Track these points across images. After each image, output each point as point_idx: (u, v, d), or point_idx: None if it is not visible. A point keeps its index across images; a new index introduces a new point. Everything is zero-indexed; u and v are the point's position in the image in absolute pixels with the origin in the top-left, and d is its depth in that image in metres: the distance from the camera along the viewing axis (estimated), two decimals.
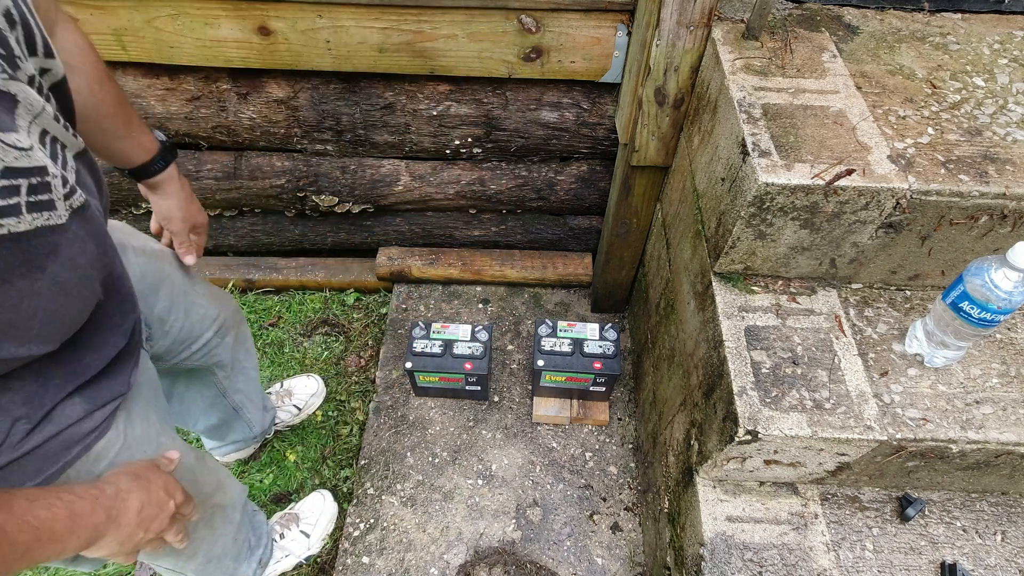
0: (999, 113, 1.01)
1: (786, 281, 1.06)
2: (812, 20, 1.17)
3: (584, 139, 1.49)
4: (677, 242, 1.29)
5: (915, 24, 1.18)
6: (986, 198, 0.90)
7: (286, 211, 1.70)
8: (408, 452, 1.59)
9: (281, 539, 1.41)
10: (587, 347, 1.50)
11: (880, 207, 0.91)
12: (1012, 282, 0.80)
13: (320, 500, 1.51)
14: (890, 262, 1.03)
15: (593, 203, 1.67)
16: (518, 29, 1.23)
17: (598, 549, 1.45)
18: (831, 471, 0.99)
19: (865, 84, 1.05)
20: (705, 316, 1.07)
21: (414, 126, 1.48)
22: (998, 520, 1.03)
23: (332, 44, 1.27)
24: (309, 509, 1.49)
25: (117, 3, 1.21)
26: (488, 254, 1.86)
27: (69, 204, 0.59)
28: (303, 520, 1.46)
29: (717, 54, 1.07)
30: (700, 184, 1.14)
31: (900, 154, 0.93)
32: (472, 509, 1.50)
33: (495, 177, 1.61)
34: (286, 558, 1.41)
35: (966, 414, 0.92)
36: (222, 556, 1.15)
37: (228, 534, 1.15)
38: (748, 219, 0.94)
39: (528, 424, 1.65)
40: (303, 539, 1.43)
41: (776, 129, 0.95)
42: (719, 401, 0.97)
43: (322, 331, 1.88)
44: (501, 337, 1.82)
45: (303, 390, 1.68)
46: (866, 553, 0.98)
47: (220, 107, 1.43)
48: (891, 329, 1.02)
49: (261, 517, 1.35)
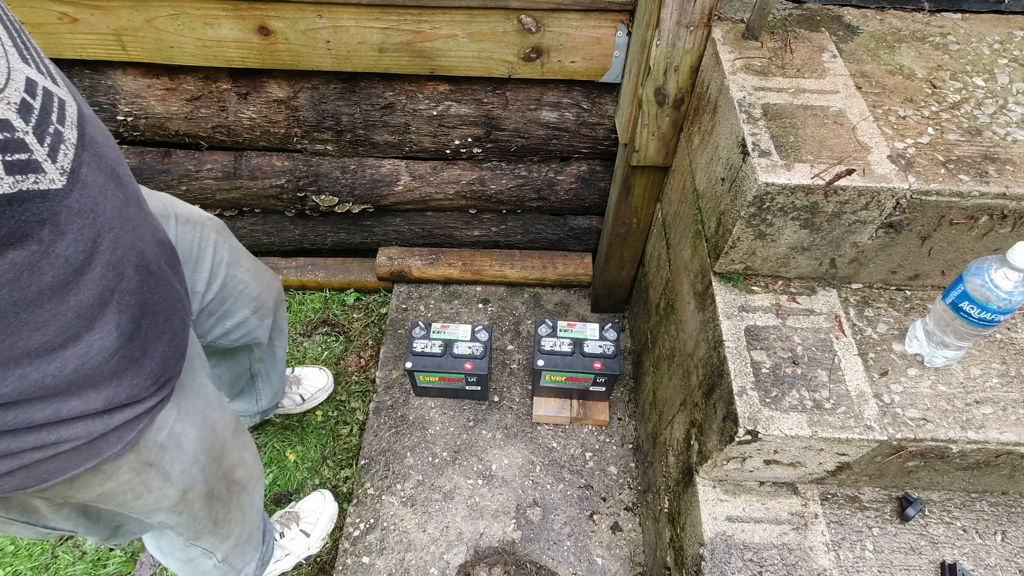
0: (999, 113, 1.01)
1: (786, 281, 1.06)
2: (812, 20, 1.17)
3: (584, 139, 1.49)
4: (677, 242, 1.29)
5: (915, 24, 1.18)
6: (986, 198, 0.90)
7: (286, 211, 1.70)
8: (408, 452, 1.59)
9: (281, 538, 1.41)
10: (587, 347, 1.50)
11: (880, 207, 0.91)
12: (1012, 282, 0.80)
13: (320, 500, 1.51)
14: (890, 262, 1.03)
15: (593, 203, 1.67)
16: (518, 29, 1.23)
17: (598, 549, 1.45)
18: (831, 471, 0.99)
19: (865, 84, 1.05)
20: (705, 316, 1.07)
21: (414, 126, 1.48)
22: (998, 520, 1.03)
23: (332, 44, 1.27)
24: (309, 508, 1.49)
25: (117, 3, 1.21)
26: (488, 254, 1.86)
27: (61, 167, 0.53)
28: (303, 519, 1.46)
29: (717, 54, 1.07)
30: (700, 184, 1.14)
31: (900, 154, 0.93)
32: (472, 509, 1.50)
33: (495, 177, 1.61)
34: (286, 557, 1.41)
35: (966, 414, 0.92)
36: (246, 542, 1.15)
37: (253, 520, 1.15)
38: (748, 219, 0.94)
39: (528, 424, 1.65)
40: (303, 538, 1.43)
41: (776, 129, 0.95)
42: (719, 401, 0.97)
43: (322, 331, 1.88)
44: (501, 337, 1.82)
45: (312, 382, 1.67)
46: (866, 553, 0.98)
47: (220, 107, 1.43)
48: (891, 329, 1.02)
49: (264, 514, 1.35)
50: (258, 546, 1.22)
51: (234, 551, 1.12)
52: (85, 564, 1.47)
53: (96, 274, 0.59)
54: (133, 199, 0.67)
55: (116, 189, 0.62)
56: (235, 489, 1.03)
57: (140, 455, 0.77)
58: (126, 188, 0.65)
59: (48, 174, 0.51)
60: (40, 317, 0.55)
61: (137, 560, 1.47)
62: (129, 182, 0.67)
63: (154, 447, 0.78)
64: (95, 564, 1.47)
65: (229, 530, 1.06)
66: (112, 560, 1.47)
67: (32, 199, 0.50)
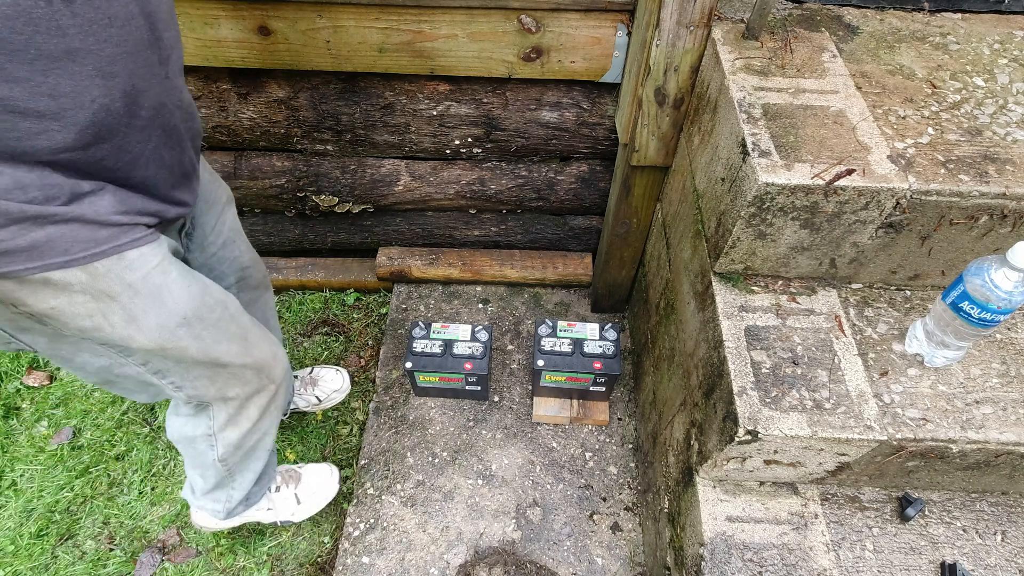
0: (999, 113, 1.01)
1: (786, 281, 1.06)
2: (812, 20, 1.17)
3: (584, 139, 1.49)
4: (677, 242, 1.29)
5: (915, 24, 1.18)
6: (986, 198, 0.90)
7: (286, 211, 1.70)
8: (408, 452, 1.59)
9: (275, 492, 1.40)
10: (587, 347, 1.50)
11: (880, 207, 0.91)
12: (1012, 282, 0.80)
13: (327, 473, 1.50)
14: (890, 262, 1.03)
15: (593, 203, 1.67)
16: (518, 29, 1.23)
17: (598, 549, 1.45)
18: (831, 471, 0.99)
19: (865, 84, 1.05)
20: (705, 316, 1.07)
21: (414, 126, 1.48)
22: (998, 520, 1.03)
23: (332, 44, 1.27)
24: (314, 478, 1.47)
25: None
26: (488, 254, 1.86)
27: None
28: (303, 485, 1.45)
29: (717, 54, 1.07)
30: (700, 184, 1.14)
31: (900, 154, 0.93)
32: (472, 509, 1.50)
33: (495, 177, 1.61)
34: (268, 511, 1.40)
35: (966, 414, 0.92)
36: (251, 452, 1.18)
37: (267, 431, 1.18)
38: (748, 219, 0.94)
39: (528, 424, 1.65)
40: (292, 503, 1.42)
41: (776, 129, 0.95)
42: (719, 401, 0.97)
43: (322, 331, 1.88)
44: (501, 337, 1.82)
45: (328, 383, 1.67)
46: (866, 553, 0.98)
47: (220, 107, 1.43)
48: (891, 329, 1.02)
49: (275, 457, 1.36)
50: (258, 471, 1.24)
51: (235, 454, 1.14)
52: (85, 564, 1.47)
53: (101, 67, 0.65)
54: (162, 55, 0.75)
55: (145, 29, 0.70)
56: (251, 377, 1.05)
57: (96, 281, 0.77)
58: (158, 40, 0.73)
59: None
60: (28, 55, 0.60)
61: (137, 560, 1.47)
62: (164, 40, 0.75)
63: (118, 281, 0.79)
64: (95, 564, 1.47)
65: (238, 417, 1.08)
66: (112, 560, 1.48)
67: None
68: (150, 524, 1.53)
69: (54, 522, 1.53)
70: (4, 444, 1.66)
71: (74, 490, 1.58)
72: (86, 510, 1.55)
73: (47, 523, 1.53)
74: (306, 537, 1.51)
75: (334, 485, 1.50)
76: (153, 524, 1.53)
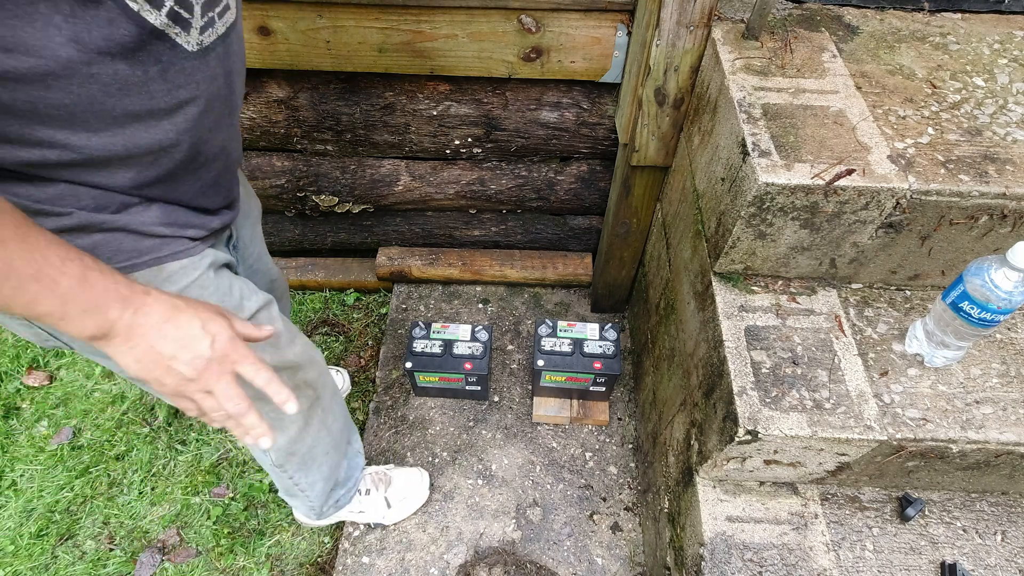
0: (999, 113, 1.01)
1: (786, 281, 1.06)
2: (812, 20, 1.17)
3: (584, 139, 1.49)
4: (677, 242, 1.29)
5: (915, 24, 1.18)
6: (986, 198, 0.90)
7: (286, 211, 1.70)
8: (408, 452, 1.59)
9: (365, 495, 1.41)
10: (587, 347, 1.50)
11: (880, 207, 0.91)
12: (1012, 282, 0.80)
13: (418, 478, 1.50)
14: (890, 262, 1.03)
15: (593, 203, 1.67)
16: (518, 29, 1.23)
17: (598, 549, 1.45)
18: (831, 471, 0.99)
19: (865, 84, 1.05)
20: (705, 316, 1.07)
21: (414, 126, 1.48)
22: (998, 520, 1.03)
23: (332, 44, 1.27)
24: (405, 481, 1.48)
25: None
26: (488, 254, 1.86)
27: (200, 41, 0.65)
28: (393, 488, 1.45)
29: (717, 54, 1.07)
30: (700, 184, 1.14)
31: (900, 154, 0.93)
32: (472, 509, 1.50)
33: (495, 177, 1.61)
34: (360, 514, 1.42)
35: (966, 414, 0.92)
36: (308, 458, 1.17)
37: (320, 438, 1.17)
38: (748, 219, 0.94)
39: (528, 424, 1.65)
40: (383, 506, 1.43)
41: (776, 129, 0.95)
42: (719, 401, 0.97)
43: (322, 331, 1.88)
44: (501, 337, 1.82)
45: None
46: (866, 553, 0.98)
47: None
48: (891, 329, 1.02)
49: (361, 460, 1.38)
50: (327, 477, 1.24)
51: (290, 460, 1.13)
52: (85, 564, 1.47)
53: (177, 122, 0.69)
54: (233, 106, 0.79)
55: (224, 86, 0.74)
56: (311, 395, 1.06)
57: None
58: (232, 94, 0.77)
59: (189, 37, 0.63)
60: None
61: (137, 560, 1.47)
62: (236, 92, 0.79)
63: None
64: (95, 564, 1.47)
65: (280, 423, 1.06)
66: (112, 560, 1.48)
67: (165, 41, 0.61)
68: (150, 524, 1.53)
69: (54, 522, 1.53)
70: (4, 444, 1.66)
71: (74, 490, 1.58)
72: (86, 510, 1.55)
73: (47, 523, 1.53)
74: (306, 537, 1.51)
75: (424, 491, 1.49)
76: (153, 524, 1.53)
